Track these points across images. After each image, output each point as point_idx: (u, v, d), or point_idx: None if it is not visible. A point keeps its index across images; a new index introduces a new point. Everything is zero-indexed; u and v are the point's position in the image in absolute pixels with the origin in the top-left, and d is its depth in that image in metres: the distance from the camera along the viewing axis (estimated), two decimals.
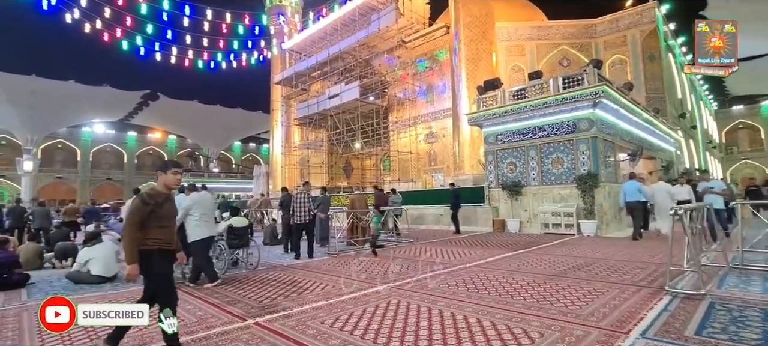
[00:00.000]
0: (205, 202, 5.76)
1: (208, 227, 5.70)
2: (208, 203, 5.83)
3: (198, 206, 5.58)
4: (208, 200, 5.90)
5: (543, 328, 3.36)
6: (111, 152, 47.14)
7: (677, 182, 10.97)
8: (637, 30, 19.88)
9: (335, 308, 4.23)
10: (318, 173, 27.44)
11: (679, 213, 4.45)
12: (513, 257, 7.40)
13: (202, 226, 5.55)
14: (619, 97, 12.21)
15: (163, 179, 3.19)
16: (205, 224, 5.60)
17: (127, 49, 28.09)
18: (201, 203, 5.63)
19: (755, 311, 3.63)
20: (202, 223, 5.55)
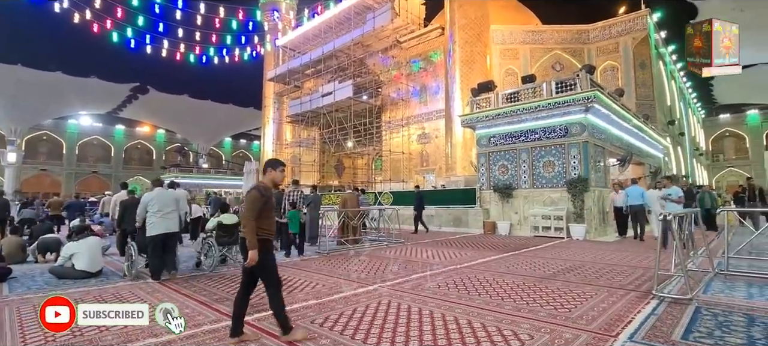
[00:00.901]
0: (164, 198, 5.86)
1: (165, 223, 5.76)
2: (167, 200, 5.89)
3: (155, 202, 5.72)
4: (168, 197, 5.95)
5: (533, 330, 3.37)
6: (98, 145, 46.31)
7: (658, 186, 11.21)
8: (629, 37, 20.16)
9: (325, 308, 4.19)
10: (309, 172, 27.29)
11: (668, 219, 4.51)
12: (503, 259, 7.43)
13: (157, 222, 5.68)
14: (611, 103, 12.35)
15: (271, 175, 3.42)
16: (160, 221, 5.70)
17: (116, 40, 27.65)
18: (159, 200, 5.77)
19: (739, 316, 3.69)
20: (157, 219, 5.68)
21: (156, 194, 5.90)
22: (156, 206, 5.73)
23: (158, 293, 4.98)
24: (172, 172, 38.23)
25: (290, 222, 8.07)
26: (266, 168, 3.46)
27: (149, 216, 5.72)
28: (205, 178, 40.65)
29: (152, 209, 5.72)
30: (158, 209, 5.72)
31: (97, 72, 38.27)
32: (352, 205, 10.00)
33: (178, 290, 5.14)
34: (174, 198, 6.13)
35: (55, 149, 43.56)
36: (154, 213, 5.71)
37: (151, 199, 5.79)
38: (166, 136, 50.91)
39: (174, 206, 6.00)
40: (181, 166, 40.70)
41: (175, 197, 6.23)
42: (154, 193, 5.93)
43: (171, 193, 6.23)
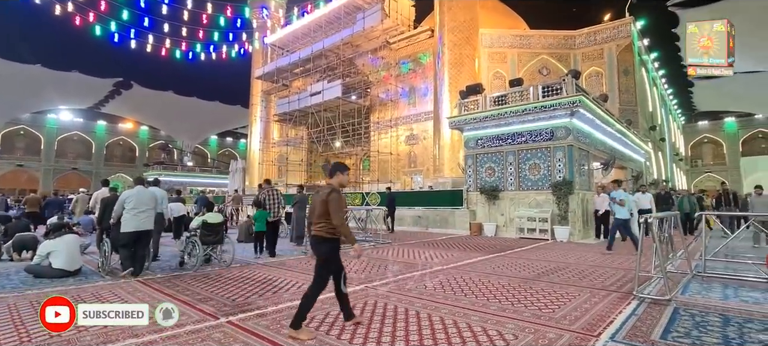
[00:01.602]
0: (142, 196, 5.94)
1: (139, 220, 5.82)
2: (144, 198, 5.97)
3: (133, 199, 5.83)
4: (146, 195, 6.02)
5: (517, 330, 3.41)
6: (78, 141, 45.08)
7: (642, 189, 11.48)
8: (613, 44, 20.61)
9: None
10: (296, 171, 27.11)
11: (649, 222, 4.62)
12: (489, 260, 7.50)
13: (131, 219, 5.77)
14: (595, 108, 12.60)
15: (339, 178, 3.73)
16: (134, 218, 5.78)
17: (99, 34, 26.96)
18: (136, 197, 5.87)
19: (715, 317, 3.80)
20: (132, 216, 5.77)
21: (135, 191, 5.95)
22: (132, 203, 5.80)
23: (139, 293, 4.87)
24: (156, 169, 37.49)
25: (256, 222, 7.96)
26: (335, 171, 3.74)
27: (125, 213, 5.79)
28: (189, 176, 40.00)
29: (129, 205, 5.78)
30: (134, 207, 5.79)
31: (78, 66, 37.20)
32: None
33: (160, 289, 5.03)
34: (152, 197, 6.18)
35: (32, 144, 42.25)
36: (130, 210, 5.77)
37: (129, 196, 5.86)
38: (149, 133, 49.85)
39: (151, 204, 6.06)
40: (165, 164, 39.95)
41: (153, 195, 6.29)
42: (132, 190, 5.98)
43: (150, 191, 6.25)
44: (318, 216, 3.52)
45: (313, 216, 3.62)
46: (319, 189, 3.83)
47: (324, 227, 3.47)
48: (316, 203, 3.59)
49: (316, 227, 3.51)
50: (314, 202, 3.68)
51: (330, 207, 3.44)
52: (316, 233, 3.51)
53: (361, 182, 25.44)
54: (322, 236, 3.48)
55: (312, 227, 3.61)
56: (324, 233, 3.47)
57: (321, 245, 3.50)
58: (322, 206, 3.49)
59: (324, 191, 3.58)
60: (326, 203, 3.47)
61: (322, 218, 3.48)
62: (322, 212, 3.48)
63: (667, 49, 27.57)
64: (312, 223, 3.60)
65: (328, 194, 3.50)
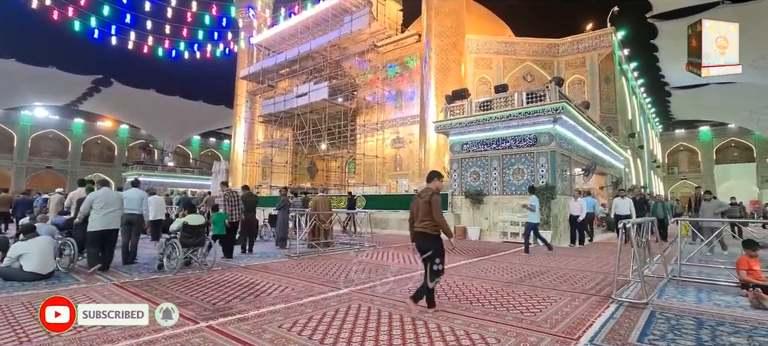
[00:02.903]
0: (109, 197, 6.25)
1: (107, 220, 6.10)
2: (112, 199, 6.31)
3: (100, 200, 6.08)
4: (112, 196, 6.38)
5: (499, 334, 3.44)
6: (54, 139, 43.56)
7: (621, 195, 11.72)
8: (595, 53, 21.12)
9: (294, 312, 4.11)
10: (281, 173, 26.84)
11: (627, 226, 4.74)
12: (473, 263, 7.56)
13: (99, 219, 6.03)
14: (577, 115, 12.88)
15: (437, 183, 4.35)
16: (103, 217, 6.05)
17: (79, 30, 26.16)
18: (103, 198, 6.13)
19: (690, 320, 3.91)
20: (100, 216, 6.03)
21: (103, 192, 6.24)
22: (102, 203, 6.06)
23: (115, 297, 4.73)
24: (135, 169, 36.54)
25: (214, 225, 7.86)
26: (433, 178, 4.38)
27: (93, 213, 6.02)
28: (170, 176, 39.08)
29: (98, 205, 6.02)
30: (103, 207, 6.06)
31: (55, 62, 36.03)
32: (324, 207, 9.89)
33: (137, 293, 4.90)
34: (119, 198, 6.54)
35: (5, 142, 40.61)
36: (99, 210, 6.03)
37: (98, 196, 6.12)
38: (129, 132, 48.55)
39: (118, 205, 6.38)
40: (144, 164, 38.89)
41: (120, 196, 6.59)
42: (101, 191, 6.27)
43: (117, 193, 6.61)
44: (423, 215, 4.13)
45: (418, 216, 4.21)
46: (420, 193, 4.36)
47: (429, 225, 4.12)
48: (420, 205, 4.21)
49: (422, 225, 4.15)
50: (417, 204, 4.27)
51: (433, 207, 4.09)
52: (422, 229, 4.15)
53: (347, 184, 25.35)
54: (427, 232, 4.13)
55: (416, 225, 4.22)
56: (429, 230, 4.12)
57: (427, 241, 4.14)
58: (426, 207, 4.12)
59: (427, 194, 4.18)
60: (430, 204, 4.11)
61: (427, 217, 4.11)
62: (427, 211, 4.11)
63: (646, 59, 28.44)
64: (416, 221, 4.22)
65: (431, 196, 4.13)
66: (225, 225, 7.85)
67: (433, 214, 4.08)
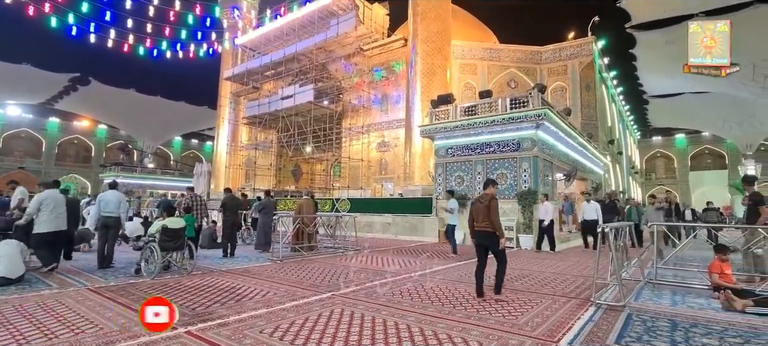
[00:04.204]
0: (57, 199, 6.34)
1: (56, 222, 6.20)
2: (60, 200, 6.41)
3: (50, 202, 6.13)
4: (60, 198, 6.46)
5: (482, 337, 3.47)
6: (26, 139, 41.99)
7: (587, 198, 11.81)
8: (576, 61, 21.65)
9: (276, 316, 4.06)
10: (265, 175, 26.54)
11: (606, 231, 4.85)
12: (456, 267, 7.61)
13: (48, 220, 6.08)
14: (559, 121, 13.14)
15: (492, 189, 5.21)
16: (55, 219, 6.16)
17: (55, 26, 25.33)
18: (52, 200, 6.19)
19: (665, 322, 4.02)
20: (50, 218, 6.10)
21: (51, 194, 6.26)
22: (52, 205, 6.13)
23: (89, 302, 4.57)
24: (113, 171, 35.53)
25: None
26: (488, 184, 5.27)
27: (42, 214, 6.04)
28: (150, 178, 38.15)
29: (48, 208, 6.08)
30: (53, 209, 6.14)
31: (30, 58, 34.78)
32: (308, 211, 9.81)
33: (113, 298, 4.75)
34: (64, 199, 6.58)
35: None
36: (50, 212, 6.08)
37: (47, 198, 6.14)
38: (107, 132, 47.17)
39: (64, 207, 6.47)
40: (123, 165, 37.86)
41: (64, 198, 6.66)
42: (48, 193, 6.24)
43: (62, 195, 6.63)
44: (483, 217, 4.98)
45: (478, 217, 5.06)
46: (480, 198, 5.17)
47: (489, 225, 4.94)
48: (480, 208, 5.04)
49: (483, 225, 4.99)
50: (478, 207, 5.10)
51: (491, 210, 4.91)
52: (483, 228, 5.01)
53: (332, 188, 25.22)
54: (488, 231, 4.97)
55: (477, 224, 5.09)
56: (489, 229, 4.96)
57: (490, 237, 4.97)
58: (485, 210, 4.96)
59: (486, 199, 5.04)
60: (489, 208, 4.93)
61: (486, 218, 4.94)
62: (486, 214, 4.94)
63: (625, 67, 29.32)
64: (477, 222, 5.08)
65: (490, 201, 4.99)
66: (193, 228, 7.69)
67: (490, 216, 4.89)
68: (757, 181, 7.57)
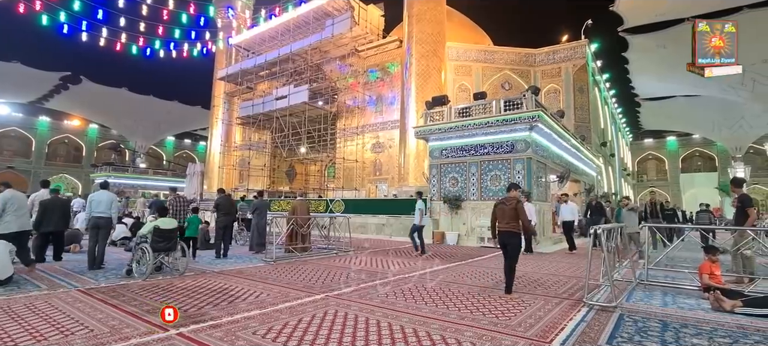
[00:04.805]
0: (21, 199, 6.32)
1: (22, 221, 6.16)
2: (23, 201, 6.38)
3: (14, 202, 6.09)
4: (23, 198, 6.45)
5: (475, 338, 3.48)
6: (16, 138, 41.39)
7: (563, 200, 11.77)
8: (569, 63, 21.84)
9: (269, 318, 4.03)
10: (259, 176, 26.41)
11: (598, 232, 4.89)
12: (450, 268, 7.63)
13: (16, 220, 6.04)
14: (553, 124, 13.24)
15: (515, 193, 5.57)
16: (19, 219, 6.11)
17: (46, 24, 25.01)
18: (16, 200, 6.16)
19: (655, 323, 4.06)
20: (15, 218, 6.04)
21: (13, 194, 6.20)
22: (16, 206, 6.08)
23: (79, 304, 4.51)
24: (104, 171, 35.15)
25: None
26: (511, 188, 5.64)
27: (6, 215, 5.97)
28: (142, 178, 37.81)
29: (11, 207, 6.02)
30: (18, 209, 6.10)
31: (20, 56, 34.27)
32: (302, 212, 9.77)
33: (104, 300, 4.69)
34: (26, 199, 6.64)
35: None
36: (14, 212, 6.03)
37: (11, 199, 6.09)
38: (99, 131, 46.66)
39: (27, 207, 6.50)
40: (115, 165, 37.48)
41: (26, 198, 6.71)
42: (10, 193, 6.18)
43: (23, 195, 6.63)
44: (509, 218, 5.31)
45: (502, 219, 5.36)
46: (504, 200, 5.49)
47: (514, 226, 5.28)
48: (505, 210, 5.35)
49: (508, 225, 5.30)
50: (502, 209, 5.40)
51: (519, 212, 5.27)
52: (508, 229, 5.31)
53: (326, 188, 25.17)
54: (514, 231, 5.30)
55: (500, 225, 5.38)
56: (515, 230, 5.29)
57: (513, 237, 5.31)
58: (512, 212, 5.29)
59: (511, 202, 5.38)
60: (516, 210, 5.27)
61: (513, 220, 5.28)
62: (513, 215, 5.28)
63: (617, 70, 29.64)
64: (501, 222, 5.37)
65: (516, 203, 5.35)
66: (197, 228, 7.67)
67: (520, 217, 5.27)
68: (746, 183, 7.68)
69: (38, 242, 7.39)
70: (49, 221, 7.17)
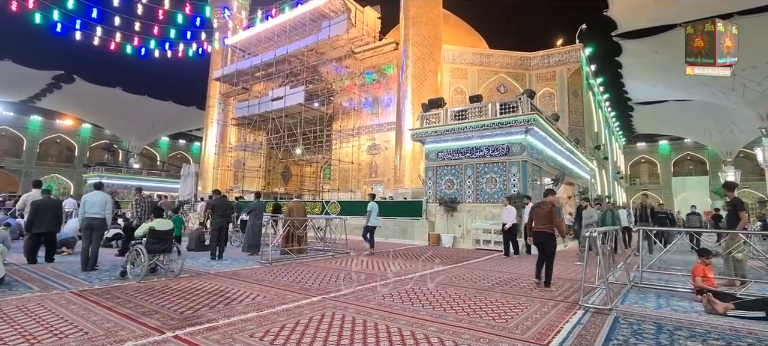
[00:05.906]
0: None
1: None
2: None
3: None
4: None
5: (472, 340, 3.49)
6: (6, 137, 40.86)
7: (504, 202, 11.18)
8: (564, 67, 22.02)
9: (266, 320, 4.02)
10: (254, 177, 26.30)
11: (593, 236, 4.93)
12: (446, 270, 7.64)
13: None
14: (548, 127, 13.34)
15: (551, 198, 6.08)
16: None
17: (39, 22, 24.75)
18: None
19: (650, 325, 4.10)
20: None
21: None
22: None
23: (73, 306, 4.46)
24: (97, 171, 34.81)
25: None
26: (547, 193, 6.19)
27: None
28: (135, 179, 37.47)
29: None
30: None
31: (12, 54, 33.88)
32: (298, 213, 9.75)
33: (97, 302, 4.64)
34: None
35: None
36: None
37: None
38: (92, 131, 46.21)
39: None
40: (108, 165, 37.13)
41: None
42: None
43: None
44: (543, 220, 5.83)
45: (537, 221, 5.90)
46: (540, 204, 6.04)
47: (549, 227, 5.81)
48: (540, 213, 5.89)
49: (543, 227, 5.84)
50: (537, 212, 5.93)
51: (553, 215, 5.77)
52: (542, 230, 5.85)
53: (322, 190, 25.12)
54: (548, 232, 5.81)
55: (535, 226, 5.92)
56: (548, 230, 5.81)
57: (548, 238, 5.82)
58: (547, 215, 5.82)
59: (546, 206, 5.88)
60: (550, 213, 5.80)
61: (546, 222, 5.82)
62: (548, 218, 5.80)
63: (611, 74, 29.91)
64: (536, 224, 5.92)
65: (551, 207, 5.86)
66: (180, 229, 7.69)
67: (553, 221, 5.77)
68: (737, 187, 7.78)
69: (30, 242, 7.30)
70: (40, 222, 7.09)
